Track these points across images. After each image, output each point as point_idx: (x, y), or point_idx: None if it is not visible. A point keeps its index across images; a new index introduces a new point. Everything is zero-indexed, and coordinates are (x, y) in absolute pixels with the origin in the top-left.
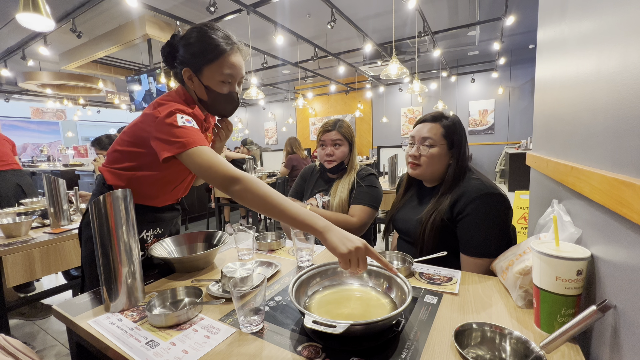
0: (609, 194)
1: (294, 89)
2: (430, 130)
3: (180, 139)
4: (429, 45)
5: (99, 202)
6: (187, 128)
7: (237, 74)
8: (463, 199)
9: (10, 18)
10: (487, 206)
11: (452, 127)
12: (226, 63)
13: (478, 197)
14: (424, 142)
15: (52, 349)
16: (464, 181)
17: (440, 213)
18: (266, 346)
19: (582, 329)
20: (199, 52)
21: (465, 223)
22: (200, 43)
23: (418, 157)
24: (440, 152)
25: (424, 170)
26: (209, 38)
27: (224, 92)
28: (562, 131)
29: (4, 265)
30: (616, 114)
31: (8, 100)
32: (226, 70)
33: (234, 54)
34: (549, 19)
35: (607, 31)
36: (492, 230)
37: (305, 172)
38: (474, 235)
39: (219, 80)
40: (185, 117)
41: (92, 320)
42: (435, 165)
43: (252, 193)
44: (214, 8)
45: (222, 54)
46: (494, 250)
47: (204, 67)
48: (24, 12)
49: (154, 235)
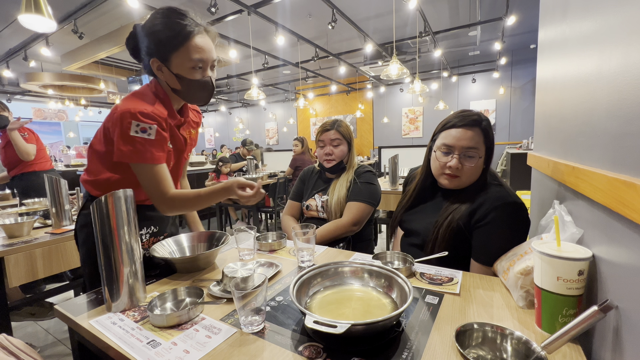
0: (610, 194)
1: (295, 89)
2: (473, 138)
3: (129, 153)
4: (430, 46)
5: (100, 202)
6: (141, 140)
7: (207, 57)
8: (484, 206)
9: (13, 19)
10: (507, 216)
11: (490, 130)
12: (193, 47)
13: (500, 205)
14: (467, 152)
15: (54, 349)
16: (486, 187)
17: (456, 218)
18: (267, 346)
19: (583, 329)
20: (163, 40)
21: (483, 231)
22: (163, 30)
23: (460, 168)
24: (480, 163)
25: (463, 182)
26: (172, 23)
27: (197, 78)
28: (563, 131)
29: (6, 266)
30: (617, 114)
31: (10, 101)
32: (195, 55)
33: (200, 37)
34: (550, 18)
35: (608, 31)
36: (508, 242)
37: (304, 174)
38: (490, 244)
39: (189, 67)
40: (141, 125)
41: (94, 320)
42: (474, 175)
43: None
44: (214, 9)
45: (188, 38)
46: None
47: (171, 55)
48: (26, 13)
49: (149, 234)
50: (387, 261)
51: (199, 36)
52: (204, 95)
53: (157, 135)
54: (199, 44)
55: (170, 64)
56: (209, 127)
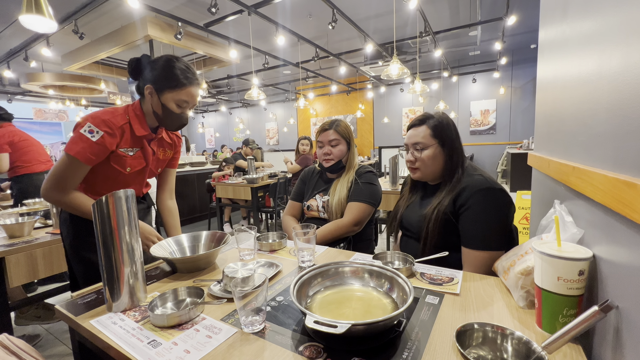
0: (611, 195)
1: (295, 89)
2: (419, 134)
3: (71, 143)
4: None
5: (101, 202)
6: (81, 137)
7: (191, 102)
8: (465, 192)
9: (13, 20)
10: (489, 200)
11: (440, 126)
12: (184, 93)
13: (479, 190)
14: (415, 147)
15: (55, 349)
16: (466, 176)
17: (442, 207)
18: (267, 346)
19: (584, 329)
20: (163, 78)
21: (467, 216)
22: (167, 72)
23: (414, 161)
24: (434, 152)
25: (423, 173)
26: (175, 69)
27: (177, 112)
28: (563, 131)
29: (7, 266)
30: (618, 113)
31: (11, 101)
32: (183, 97)
33: (192, 87)
34: (551, 18)
35: (609, 31)
36: (493, 223)
37: (305, 175)
38: (475, 228)
39: (175, 104)
40: (91, 127)
41: (95, 320)
42: (432, 165)
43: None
44: (215, 9)
45: (186, 86)
46: (494, 244)
47: (165, 90)
48: (27, 14)
49: None
50: (388, 261)
51: (194, 87)
52: (176, 124)
53: (99, 140)
54: (192, 92)
55: (162, 96)
56: (209, 127)
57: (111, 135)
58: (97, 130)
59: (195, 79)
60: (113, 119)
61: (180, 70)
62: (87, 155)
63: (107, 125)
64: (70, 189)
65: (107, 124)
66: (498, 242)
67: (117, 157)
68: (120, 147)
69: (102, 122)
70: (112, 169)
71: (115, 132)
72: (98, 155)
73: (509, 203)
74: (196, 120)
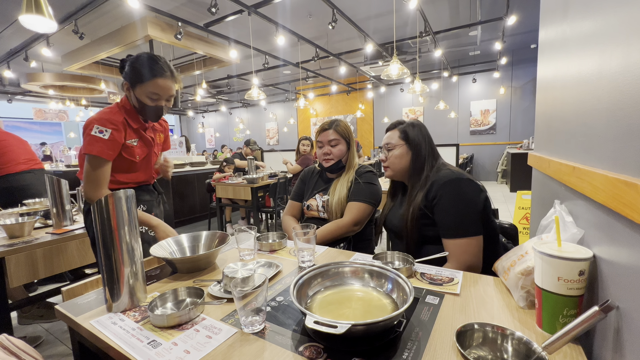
0: (611, 195)
1: (295, 89)
2: (390, 136)
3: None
4: (430, 45)
5: (101, 202)
6: (94, 138)
7: (162, 94)
8: (434, 186)
9: (13, 20)
10: (456, 189)
11: (408, 129)
12: (152, 85)
13: (446, 182)
14: (386, 147)
15: (55, 349)
16: (435, 172)
17: (416, 204)
18: (267, 346)
19: (584, 329)
20: (133, 74)
21: (439, 208)
22: (135, 67)
23: (385, 160)
24: (402, 152)
25: (392, 170)
26: (145, 65)
27: (151, 105)
28: (564, 131)
29: (7, 266)
30: (618, 113)
31: (11, 101)
32: (152, 89)
33: (160, 79)
34: (551, 18)
35: (609, 31)
36: (463, 210)
37: (305, 174)
38: (447, 218)
39: (146, 97)
40: (99, 127)
41: (95, 320)
42: (400, 164)
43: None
44: (215, 9)
45: (151, 78)
46: (469, 230)
47: (137, 85)
48: (27, 14)
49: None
50: (388, 261)
51: (161, 78)
52: (152, 116)
53: (110, 137)
54: (159, 84)
55: (135, 90)
56: (210, 127)
57: (118, 131)
58: (106, 129)
59: (164, 70)
60: (113, 116)
61: (148, 64)
62: (106, 152)
63: (111, 122)
64: (105, 186)
65: (111, 122)
66: (472, 228)
67: (126, 149)
68: (127, 139)
69: (107, 121)
70: (126, 161)
71: (119, 127)
72: (114, 150)
73: (477, 190)
74: (196, 120)
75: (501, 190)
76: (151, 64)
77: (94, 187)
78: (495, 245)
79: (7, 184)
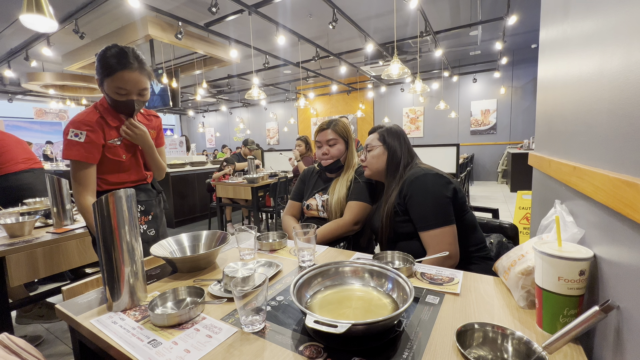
0: (611, 194)
1: (296, 89)
2: (370, 139)
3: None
4: (431, 45)
5: (101, 202)
6: (70, 142)
7: (129, 87)
8: (406, 183)
9: (14, 19)
10: (424, 184)
11: (386, 133)
12: (119, 78)
13: (415, 178)
14: (366, 148)
15: (55, 348)
16: (408, 172)
17: (391, 202)
18: (268, 346)
19: (584, 329)
20: (99, 70)
21: (411, 203)
22: (100, 62)
23: (364, 160)
24: (378, 152)
25: (370, 170)
26: (107, 58)
27: (120, 99)
28: (564, 131)
29: (7, 265)
30: (619, 113)
31: (11, 100)
32: (117, 84)
33: (127, 72)
34: (552, 18)
35: (610, 31)
36: (433, 201)
37: (304, 174)
38: (419, 211)
39: (114, 91)
40: (75, 131)
41: (95, 320)
42: (376, 163)
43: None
44: (215, 9)
45: (115, 72)
46: (440, 220)
47: (104, 80)
48: (28, 13)
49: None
50: (388, 261)
51: (127, 71)
52: (124, 111)
53: (86, 139)
54: (125, 77)
55: (103, 86)
56: (210, 127)
57: (93, 131)
58: (80, 132)
59: (131, 62)
60: (86, 117)
61: (111, 58)
62: (84, 155)
63: (85, 124)
64: (89, 188)
65: (84, 123)
66: (443, 218)
67: (110, 149)
68: (107, 139)
69: (81, 123)
70: (112, 161)
71: (94, 127)
72: (92, 152)
73: (445, 182)
74: (196, 120)
75: (502, 190)
76: (118, 57)
77: (77, 190)
78: (473, 232)
79: (6, 183)
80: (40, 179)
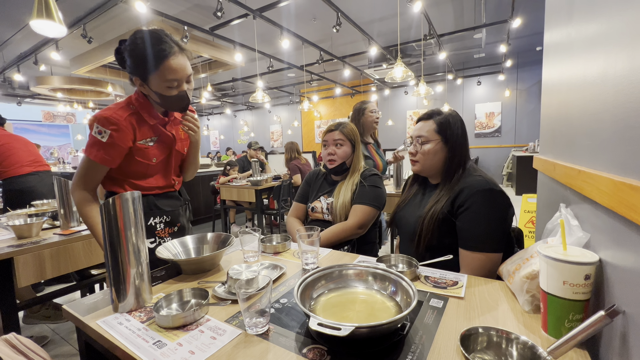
0: (617, 198)
1: (300, 92)
2: (423, 128)
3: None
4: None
5: (108, 204)
6: (93, 139)
7: (180, 76)
8: (464, 193)
9: (24, 24)
10: (488, 201)
11: (446, 123)
12: (167, 69)
13: (479, 191)
14: (418, 139)
15: (61, 349)
16: (466, 177)
17: (439, 207)
18: (271, 348)
19: (590, 334)
20: (140, 66)
21: (465, 216)
22: (141, 53)
23: (415, 154)
24: (435, 148)
25: (421, 166)
26: (147, 47)
27: (173, 94)
28: (569, 134)
29: (15, 266)
30: (624, 116)
31: (20, 104)
32: (169, 76)
33: (173, 59)
34: (556, 21)
35: (615, 34)
36: (492, 225)
37: (309, 177)
38: (473, 229)
39: (165, 86)
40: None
41: (101, 320)
42: (431, 160)
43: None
44: (220, 13)
45: (162, 62)
46: (492, 246)
47: (149, 76)
48: (37, 19)
49: (163, 223)
50: (392, 264)
51: (172, 58)
52: (180, 106)
53: (109, 139)
54: (173, 66)
55: (150, 83)
56: (214, 129)
57: (118, 131)
58: (105, 130)
59: (171, 46)
60: (115, 114)
61: (151, 48)
62: (102, 157)
63: (111, 122)
64: (90, 188)
65: (110, 121)
66: (496, 245)
67: (139, 151)
68: (138, 140)
69: (107, 121)
70: (139, 163)
71: (122, 127)
72: (112, 155)
73: (509, 205)
74: (201, 123)
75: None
76: (154, 46)
77: (77, 183)
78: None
79: (11, 186)
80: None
